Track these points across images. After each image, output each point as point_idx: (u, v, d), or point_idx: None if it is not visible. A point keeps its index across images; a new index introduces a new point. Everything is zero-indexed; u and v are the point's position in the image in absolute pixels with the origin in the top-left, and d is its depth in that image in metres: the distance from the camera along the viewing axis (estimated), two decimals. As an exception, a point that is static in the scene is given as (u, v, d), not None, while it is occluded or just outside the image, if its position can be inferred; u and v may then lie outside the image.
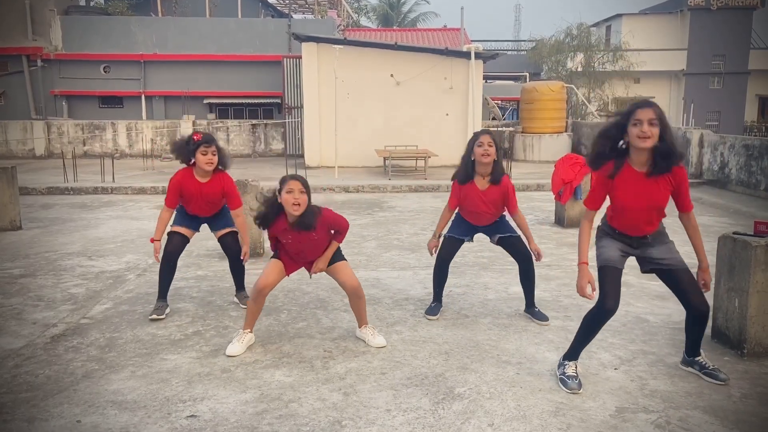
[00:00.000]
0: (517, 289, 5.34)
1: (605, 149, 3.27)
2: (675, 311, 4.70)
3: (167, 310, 4.73)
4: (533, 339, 4.19)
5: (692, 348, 3.60)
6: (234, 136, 19.38)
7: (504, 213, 4.57)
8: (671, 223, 3.51)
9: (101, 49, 20.77)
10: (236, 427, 3.04)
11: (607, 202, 3.45)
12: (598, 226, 3.54)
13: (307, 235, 3.83)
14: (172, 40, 20.97)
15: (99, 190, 11.83)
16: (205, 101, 21.34)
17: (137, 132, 19.04)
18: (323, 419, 3.11)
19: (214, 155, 4.53)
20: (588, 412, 3.17)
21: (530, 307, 4.63)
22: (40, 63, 20.54)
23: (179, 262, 6.19)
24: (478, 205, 4.42)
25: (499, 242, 4.58)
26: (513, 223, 4.57)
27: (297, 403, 3.28)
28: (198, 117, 20.11)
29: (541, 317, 4.52)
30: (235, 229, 4.84)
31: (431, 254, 4.66)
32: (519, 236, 4.54)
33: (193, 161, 4.56)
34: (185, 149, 4.56)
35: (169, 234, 4.71)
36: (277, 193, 3.78)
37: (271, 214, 3.82)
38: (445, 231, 4.67)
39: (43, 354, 3.95)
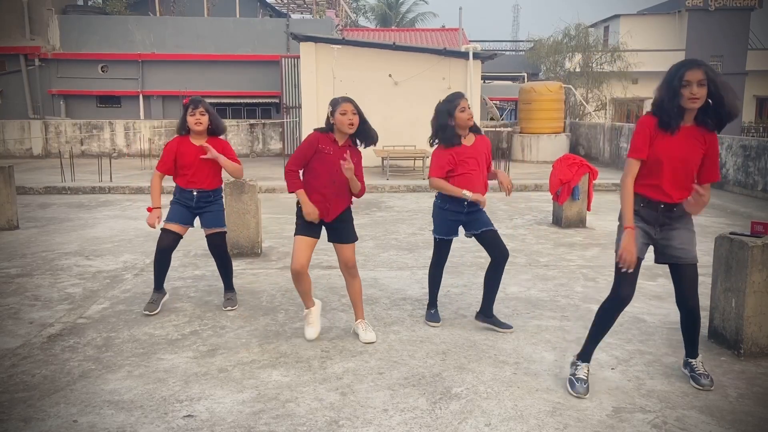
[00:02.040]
0: (515, 289, 5.35)
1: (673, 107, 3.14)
2: (672, 311, 4.71)
3: (165, 298, 4.82)
4: (530, 339, 4.20)
5: (689, 348, 3.56)
6: (232, 135, 19.35)
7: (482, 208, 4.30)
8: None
9: (99, 48, 20.72)
10: (233, 426, 3.03)
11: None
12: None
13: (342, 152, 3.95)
14: (169, 40, 20.93)
15: (96, 189, 11.81)
16: (203, 101, 21.31)
17: (135, 131, 19.01)
18: (320, 419, 3.11)
19: (203, 115, 4.56)
20: (585, 412, 3.18)
21: (489, 316, 4.38)
22: (37, 62, 20.47)
23: (176, 262, 6.22)
24: (470, 164, 4.22)
25: (477, 237, 4.32)
26: (510, 231, 4.42)
27: (294, 403, 3.28)
28: (196, 116, 20.07)
29: (502, 325, 4.34)
30: (224, 230, 4.85)
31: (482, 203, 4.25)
32: (496, 231, 4.32)
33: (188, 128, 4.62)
34: (182, 117, 4.64)
35: (162, 230, 4.68)
36: (329, 116, 3.98)
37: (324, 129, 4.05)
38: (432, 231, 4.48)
39: (39, 354, 3.95)
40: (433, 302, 4.59)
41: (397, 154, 13.91)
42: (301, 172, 4.04)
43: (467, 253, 6.55)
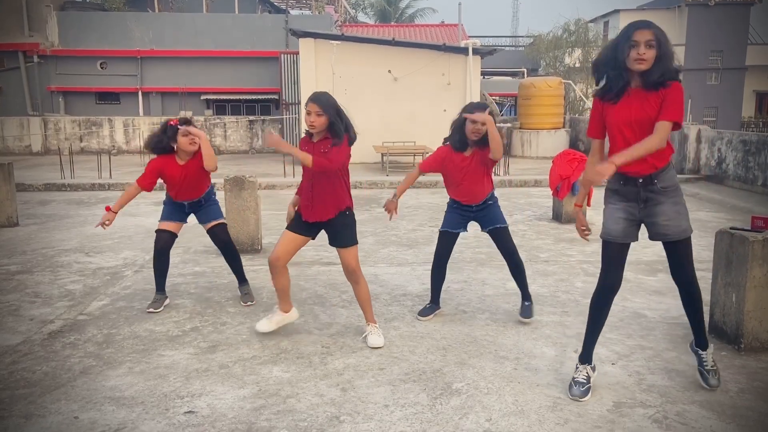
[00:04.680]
0: (515, 284, 5.36)
1: (612, 72, 3.10)
2: (672, 306, 4.72)
3: (166, 302, 4.80)
4: (531, 334, 4.20)
5: (695, 333, 3.42)
6: (231, 132, 19.35)
7: (495, 195, 4.41)
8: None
9: (98, 45, 20.68)
10: (234, 422, 3.04)
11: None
12: (606, 187, 3.33)
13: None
14: (168, 36, 20.89)
15: (96, 186, 11.80)
16: (202, 97, 21.29)
17: (134, 128, 18.99)
18: (321, 415, 3.11)
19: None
20: (585, 407, 3.18)
21: (523, 300, 4.52)
22: (36, 59, 20.43)
23: (176, 258, 6.22)
24: (459, 176, 4.28)
25: (489, 232, 4.44)
26: (509, 228, 4.44)
27: (295, 398, 3.28)
28: (195, 113, 20.07)
29: (526, 313, 4.41)
30: (224, 221, 4.88)
31: (390, 218, 4.41)
32: (506, 228, 4.39)
33: (173, 148, 4.54)
34: (164, 138, 4.52)
35: (157, 232, 4.71)
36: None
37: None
38: (440, 226, 4.56)
39: (40, 350, 3.95)
40: (432, 298, 4.61)
41: (396, 150, 13.91)
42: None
43: (467, 249, 6.55)
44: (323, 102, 3.78)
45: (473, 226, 4.54)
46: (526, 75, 27.08)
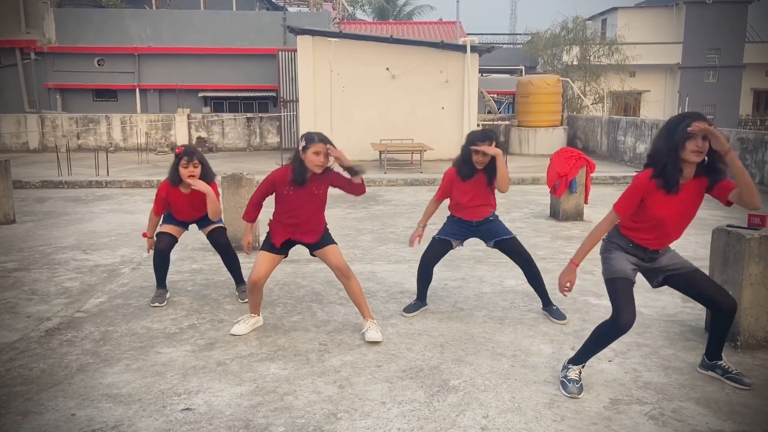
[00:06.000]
0: (512, 282, 5.37)
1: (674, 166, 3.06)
2: (669, 303, 4.73)
3: (168, 295, 4.89)
4: (528, 332, 4.21)
5: (715, 351, 3.45)
6: (229, 129, 19.32)
7: (496, 213, 4.53)
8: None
9: (95, 41, 20.61)
10: (231, 420, 3.04)
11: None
12: (605, 239, 3.42)
13: (307, 189, 3.98)
14: (166, 33, 20.83)
15: (93, 183, 11.79)
16: (200, 94, 21.25)
17: (131, 125, 18.96)
18: (318, 412, 3.11)
19: (195, 167, 4.55)
20: (582, 404, 3.19)
21: (547, 305, 4.52)
22: (33, 56, 20.36)
23: (173, 256, 6.20)
24: (465, 199, 4.39)
25: (496, 246, 4.47)
26: (507, 225, 4.57)
27: (292, 396, 3.29)
28: (193, 110, 20.04)
29: (559, 316, 4.41)
30: (222, 225, 4.94)
31: (411, 245, 4.60)
32: (515, 238, 4.46)
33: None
34: (174, 165, 4.63)
35: (158, 234, 4.80)
36: (301, 151, 3.91)
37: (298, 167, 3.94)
38: (435, 233, 4.61)
39: (37, 347, 3.94)
40: (419, 296, 4.66)
41: (394, 147, 13.90)
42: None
43: (465, 247, 6.53)
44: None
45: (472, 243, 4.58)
46: (524, 72, 27.09)
